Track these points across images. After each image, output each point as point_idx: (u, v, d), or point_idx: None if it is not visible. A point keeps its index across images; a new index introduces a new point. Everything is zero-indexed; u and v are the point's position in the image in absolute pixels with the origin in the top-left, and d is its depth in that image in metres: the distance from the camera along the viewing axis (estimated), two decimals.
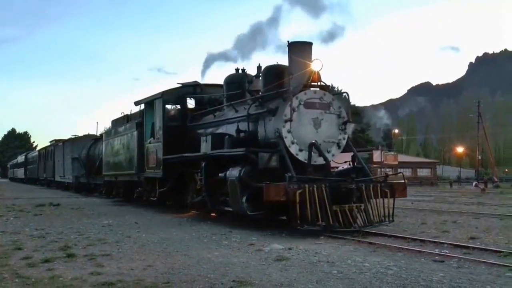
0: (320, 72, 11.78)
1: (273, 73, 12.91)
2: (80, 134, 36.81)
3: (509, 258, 7.73)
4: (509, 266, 7.05)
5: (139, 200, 20.21)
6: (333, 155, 11.96)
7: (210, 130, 15.15)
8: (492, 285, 5.96)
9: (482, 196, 31.52)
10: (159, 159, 16.72)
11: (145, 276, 6.63)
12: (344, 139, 12.11)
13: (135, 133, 19.27)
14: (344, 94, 12.70)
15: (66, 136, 44.96)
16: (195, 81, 17.45)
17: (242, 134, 12.91)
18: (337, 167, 12.61)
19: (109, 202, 22.75)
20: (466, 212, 16.78)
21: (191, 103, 17.05)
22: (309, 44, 11.81)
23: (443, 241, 9.08)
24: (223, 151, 12.52)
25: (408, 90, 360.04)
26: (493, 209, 18.72)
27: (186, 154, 14.72)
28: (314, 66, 11.61)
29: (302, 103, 11.63)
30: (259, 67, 14.66)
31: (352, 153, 12.38)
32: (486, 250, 8.36)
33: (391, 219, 11.24)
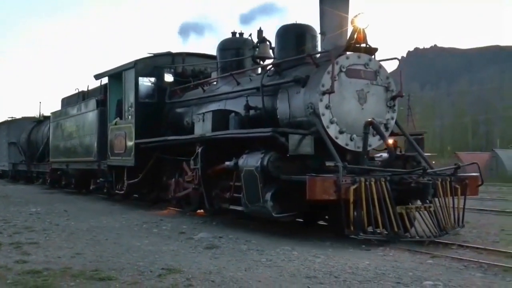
0: (366, 31, 9.01)
1: (292, 33, 10.09)
2: (20, 116, 32.60)
3: (431, 246, 7.74)
4: (431, 253, 7.18)
5: (99, 192, 17.02)
6: (379, 140, 9.22)
7: (199, 108, 12.16)
8: (414, 272, 6.05)
9: None
10: (129, 144, 13.62)
11: (72, 264, 6.54)
12: (392, 119, 9.38)
13: (94, 112, 16.08)
14: (393, 59, 9.90)
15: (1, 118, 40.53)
16: (169, 51, 14.38)
17: (252, 112, 10.01)
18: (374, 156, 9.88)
19: (39, 190, 21.01)
20: None
21: (169, 76, 13.92)
22: None
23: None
24: (235, 132, 9.58)
25: None
26: None
27: (172, 137, 11.72)
28: (359, 22, 8.83)
29: (344, 70, 8.83)
30: (260, 31, 11.77)
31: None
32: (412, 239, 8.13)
33: (461, 224, 8.64)
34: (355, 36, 8.89)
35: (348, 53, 8.96)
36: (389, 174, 8.05)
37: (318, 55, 9.26)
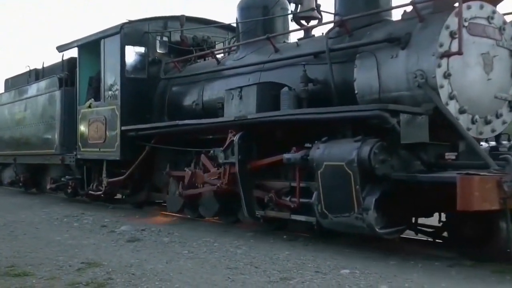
0: None
1: None
2: None
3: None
4: (350, 243, 6.98)
5: (61, 192, 13.87)
6: (503, 123, 6.74)
7: (212, 84, 9.37)
8: (332, 261, 5.99)
9: None
10: (111, 132, 10.64)
11: None
12: None
13: (56, 94, 12.92)
14: None
15: None
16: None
17: (311, 85, 7.34)
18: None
19: None
20: None
21: (163, 45, 10.93)
22: None
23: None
24: (314, 111, 6.80)
25: None
26: None
27: (193, 121, 8.82)
28: None
29: (466, 24, 6.27)
30: None
31: None
32: None
33: None
34: None
35: (473, 1, 6.40)
36: None
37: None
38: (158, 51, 10.79)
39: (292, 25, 9.12)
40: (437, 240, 6.79)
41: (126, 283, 5.18)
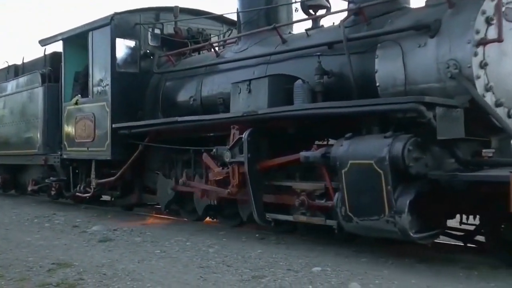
0: None
1: None
2: None
3: None
4: (322, 241, 6.93)
5: (43, 194, 13.16)
6: None
7: (212, 78, 8.78)
8: (304, 259, 5.99)
9: None
10: (101, 130, 9.99)
11: None
12: None
13: (38, 90, 12.23)
14: None
15: None
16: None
17: (326, 78, 6.79)
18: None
19: None
20: None
21: (156, 38, 10.30)
22: None
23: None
24: (338, 105, 6.22)
25: None
26: None
27: (191, 118, 8.22)
28: None
29: (503, 9, 5.78)
30: None
31: None
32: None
33: None
34: None
35: None
36: None
37: None
38: (150, 44, 10.16)
39: (296, 16, 8.58)
40: (469, 245, 6.28)
41: (97, 283, 5.16)
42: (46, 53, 12.45)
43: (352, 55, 6.55)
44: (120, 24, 9.85)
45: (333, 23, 7.64)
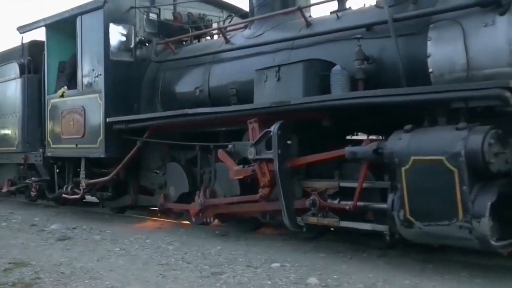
0: None
1: None
2: None
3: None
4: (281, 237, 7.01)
5: (21, 196, 12.10)
6: None
7: (222, 67, 7.92)
8: (263, 255, 6.02)
9: None
10: (92, 125, 9.03)
11: None
12: None
13: (16, 83, 11.19)
14: None
15: None
16: None
17: (366, 64, 6.00)
18: None
19: None
20: None
21: (153, 23, 9.36)
22: None
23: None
24: (381, 94, 5.44)
25: None
26: None
27: (205, 110, 7.33)
28: None
29: None
30: None
31: None
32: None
33: None
34: None
35: None
36: None
37: None
38: (146, 30, 9.23)
39: None
40: None
41: (54, 282, 5.08)
42: (23, 41, 11.37)
43: (404, 36, 5.78)
44: (113, 8, 8.89)
45: (364, 4, 6.86)
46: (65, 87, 9.73)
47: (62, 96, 9.69)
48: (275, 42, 7.17)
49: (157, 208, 8.97)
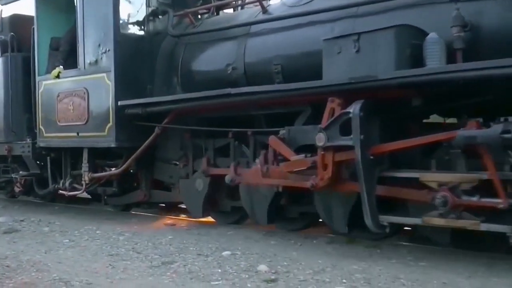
0: None
1: None
2: None
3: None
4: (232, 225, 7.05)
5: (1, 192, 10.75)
6: None
7: (261, 41, 6.79)
8: (214, 243, 6.06)
9: None
10: (99, 109, 7.81)
11: None
12: None
13: None
14: None
15: None
16: None
17: (465, 31, 5.00)
18: None
19: None
20: None
21: None
22: None
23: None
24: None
25: None
26: None
27: (266, 88, 6.14)
28: None
29: None
30: None
31: None
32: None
33: None
34: None
35: None
36: None
37: None
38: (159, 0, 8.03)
39: None
40: None
41: None
42: (2, 15, 9.97)
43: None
44: None
45: None
46: (61, 66, 8.41)
47: (57, 77, 8.37)
48: (335, 9, 6.07)
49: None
